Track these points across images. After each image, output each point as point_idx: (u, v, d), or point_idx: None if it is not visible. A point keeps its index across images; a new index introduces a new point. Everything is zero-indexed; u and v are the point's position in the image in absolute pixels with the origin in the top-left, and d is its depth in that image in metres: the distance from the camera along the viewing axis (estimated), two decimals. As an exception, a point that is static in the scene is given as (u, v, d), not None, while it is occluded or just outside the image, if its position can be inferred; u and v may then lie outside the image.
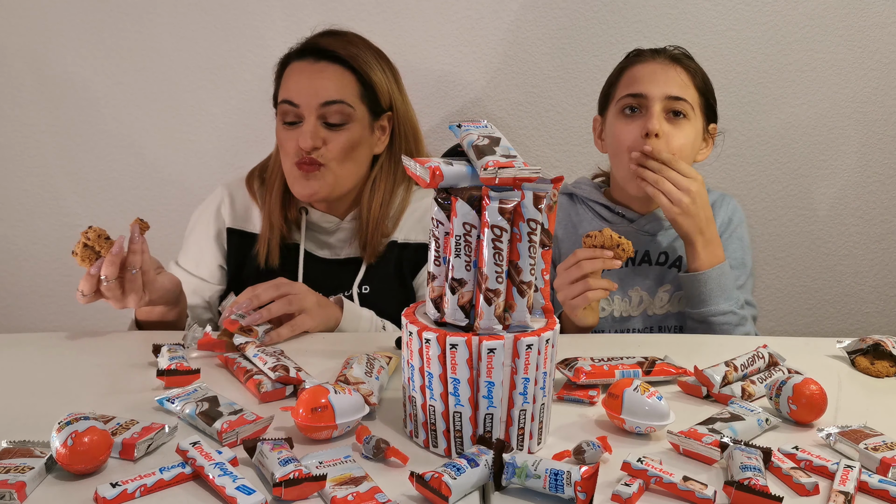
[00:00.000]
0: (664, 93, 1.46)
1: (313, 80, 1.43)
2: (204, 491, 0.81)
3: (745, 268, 1.56)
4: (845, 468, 0.86)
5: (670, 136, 1.46)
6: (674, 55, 1.51)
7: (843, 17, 1.97)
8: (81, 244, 1.24)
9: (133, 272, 1.24)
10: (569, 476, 0.79)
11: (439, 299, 0.91)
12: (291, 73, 1.46)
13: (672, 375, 1.13)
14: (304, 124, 1.43)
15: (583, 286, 1.30)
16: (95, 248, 1.24)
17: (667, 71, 1.48)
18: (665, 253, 1.56)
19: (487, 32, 1.96)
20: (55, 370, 1.14)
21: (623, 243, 1.30)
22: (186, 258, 1.55)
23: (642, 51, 1.55)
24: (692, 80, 1.49)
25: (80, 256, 1.23)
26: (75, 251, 1.24)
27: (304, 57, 1.46)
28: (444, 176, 0.88)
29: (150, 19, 1.92)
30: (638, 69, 1.51)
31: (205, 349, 1.20)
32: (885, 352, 1.22)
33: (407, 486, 0.81)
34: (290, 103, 1.43)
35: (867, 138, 2.04)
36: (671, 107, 1.46)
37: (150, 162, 1.99)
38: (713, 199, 1.59)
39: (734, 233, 1.58)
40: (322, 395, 0.91)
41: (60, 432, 0.81)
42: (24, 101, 1.94)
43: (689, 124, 1.48)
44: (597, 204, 1.60)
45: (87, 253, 1.23)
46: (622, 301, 1.56)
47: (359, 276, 1.50)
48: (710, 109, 1.53)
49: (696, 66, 1.53)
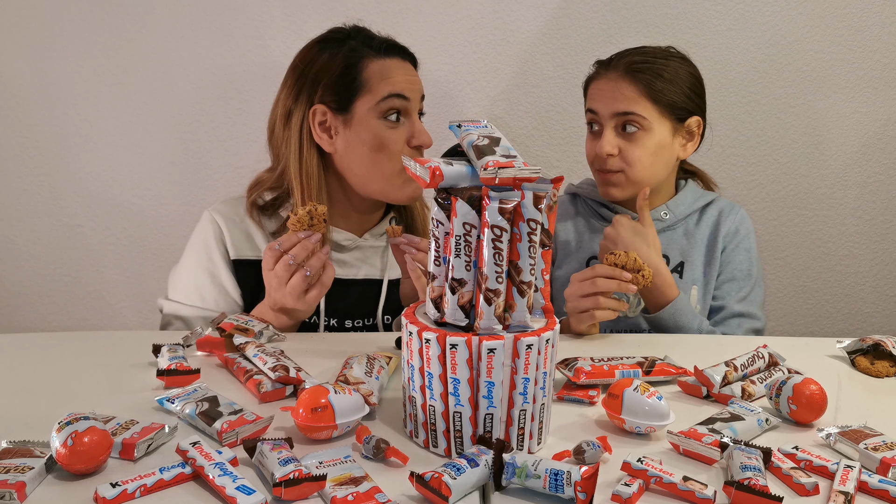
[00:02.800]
0: (612, 110, 1.48)
1: (410, 76, 1.42)
2: (204, 491, 0.81)
3: (749, 279, 1.55)
4: (845, 468, 0.86)
5: (625, 150, 1.48)
6: (629, 65, 1.48)
7: (843, 17, 1.97)
8: (307, 210, 1.24)
9: (307, 273, 1.23)
10: (569, 476, 0.79)
11: (439, 299, 0.91)
12: (391, 69, 1.40)
13: (672, 375, 1.13)
14: (413, 121, 1.41)
15: (592, 303, 1.31)
16: (314, 221, 1.25)
17: (616, 87, 1.48)
18: (666, 257, 1.55)
19: (488, 33, 1.96)
20: (55, 370, 1.14)
21: (644, 270, 1.31)
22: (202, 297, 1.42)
23: (600, 62, 1.55)
24: (645, 91, 1.47)
25: (298, 218, 1.24)
26: (296, 211, 1.25)
27: (392, 55, 1.42)
28: (444, 176, 0.88)
29: (150, 19, 1.92)
30: (594, 85, 1.54)
31: (205, 349, 1.20)
32: (885, 352, 1.22)
33: (407, 486, 0.81)
34: (401, 97, 1.39)
35: (867, 138, 2.04)
36: (622, 122, 1.48)
37: (150, 162, 1.99)
38: (721, 208, 1.60)
39: (740, 244, 1.57)
40: (322, 395, 0.91)
41: (60, 432, 0.81)
42: (24, 101, 1.94)
43: (645, 135, 1.48)
44: (597, 203, 1.61)
45: (304, 220, 1.24)
46: (619, 302, 1.52)
47: (381, 302, 1.46)
48: (684, 109, 1.50)
49: (656, 70, 1.48)
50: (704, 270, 1.56)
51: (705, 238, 1.57)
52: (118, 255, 2.03)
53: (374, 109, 1.38)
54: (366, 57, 1.39)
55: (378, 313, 1.47)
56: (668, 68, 1.50)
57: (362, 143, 1.39)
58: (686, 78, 1.51)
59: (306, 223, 1.24)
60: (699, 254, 1.56)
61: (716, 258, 1.56)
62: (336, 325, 1.43)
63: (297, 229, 1.24)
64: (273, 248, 1.23)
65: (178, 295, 1.43)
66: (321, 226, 1.25)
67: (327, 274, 1.26)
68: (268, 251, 1.24)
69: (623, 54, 1.53)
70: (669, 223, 1.57)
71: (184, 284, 1.44)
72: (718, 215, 1.59)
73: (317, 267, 1.24)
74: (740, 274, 1.55)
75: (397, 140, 1.39)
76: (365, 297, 1.47)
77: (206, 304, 1.41)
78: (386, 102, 1.38)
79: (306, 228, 1.24)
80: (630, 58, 1.50)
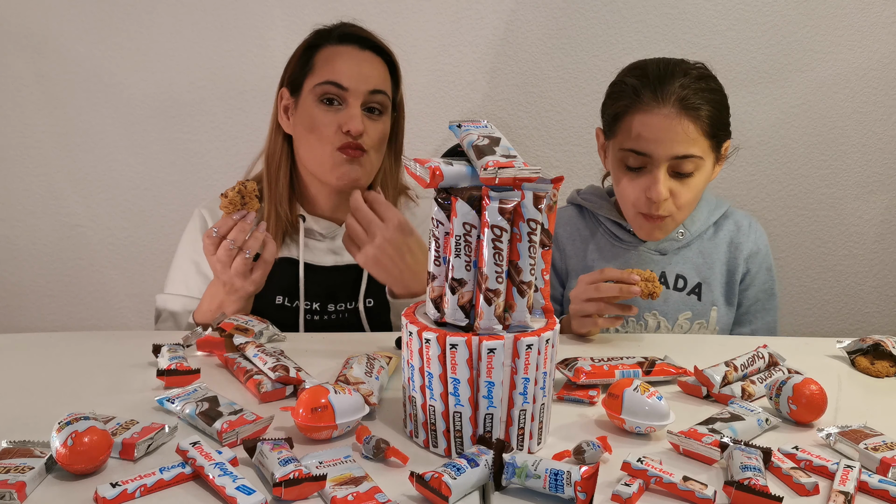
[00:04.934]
0: (670, 154, 1.35)
1: (361, 66, 1.42)
2: (204, 491, 0.81)
3: (773, 298, 1.54)
4: (845, 468, 0.86)
5: (677, 194, 1.38)
6: (683, 100, 1.34)
7: (843, 17, 1.97)
8: (236, 190, 1.23)
9: (247, 255, 1.23)
10: (569, 476, 0.79)
11: (439, 299, 0.91)
12: (337, 56, 1.42)
13: (672, 375, 1.13)
14: (349, 108, 1.40)
15: (595, 308, 1.28)
16: (245, 199, 1.23)
17: (673, 127, 1.34)
18: (683, 277, 1.50)
19: (487, 32, 1.96)
20: (55, 370, 1.14)
21: (656, 286, 1.26)
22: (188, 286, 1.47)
23: (644, 94, 1.36)
24: (701, 129, 1.35)
25: (230, 200, 1.22)
26: (226, 193, 1.23)
27: (347, 42, 1.44)
28: (444, 176, 0.88)
29: (150, 19, 1.92)
30: (641, 122, 1.36)
31: (205, 349, 1.20)
32: (885, 352, 1.22)
33: (407, 486, 0.81)
34: (337, 85, 1.39)
35: (867, 138, 2.04)
36: (678, 167, 1.36)
37: (150, 162, 1.99)
38: (737, 223, 1.53)
39: (762, 263, 1.53)
40: (322, 395, 0.91)
41: (60, 432, 0.81)
42: (24, 101, 1.94)
43: (698, 175, 1.39)
44: (609, 221, 1.53)
45: (236, 200, 1.22)
46: (637, 325, 1.50)
47: (362, 288, 1.47)
48: (722, 136, 1.42)
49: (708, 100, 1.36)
50: (724, 291, 1.52)
51: (723, 257, 1.52)
52: (118, 255, 2.03)
53: (312, 92, 1.42)
54: (322, 44, 1.45)
55: (360, 297, 1.47)
56: (714, 94, 1.38)
57: (302, 123, 1.43)
58: (724, 101, 1.41)
59: (238, 203, 1.22)
60: (718, 274, 1.51)
61: (736, 280, 1.51)
62: (318, 308, 1.44)
63: (231, 211, 1.22)
64: (210, 234, 1.23)
65: (167, 287, 1.49)
66: (254, 202, 1.23)
67: (268, 250, 1.27)
68: (206, 238, 1.24)
69: (664, 79, 1.36)
70: (685, 242, 1.51)
71: (172, 276, 1.50)
72: (735, 232, 1.53)
73: (255, 247, 1.24)
74: (764, 295, 1.53)
75: (328, 123, 1.40)
76: (346, 282, 1.48)
77: (190, 292, 1.45)
78: (321, 87, 1.41)
79: (239, 208, 1.22)
80: (680, 89, 1.35)
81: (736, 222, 1.54)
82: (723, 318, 1.51)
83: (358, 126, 1.38)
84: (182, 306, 1.44)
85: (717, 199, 1.56)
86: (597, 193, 1.58)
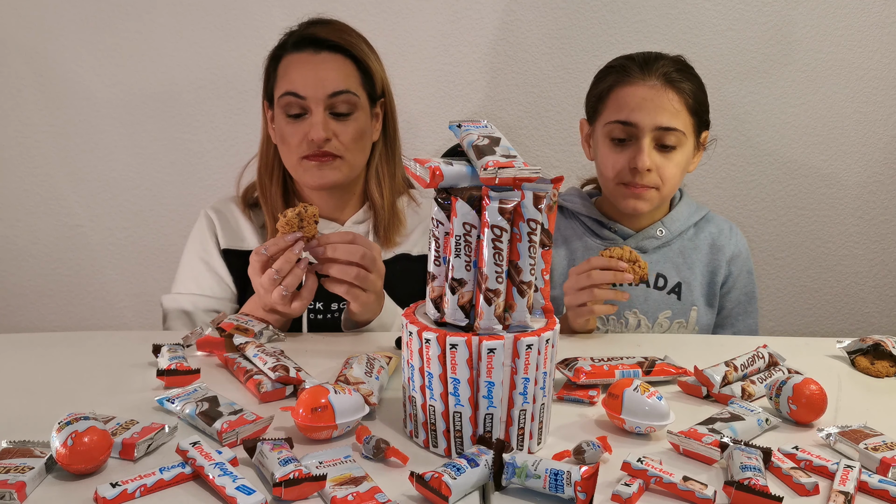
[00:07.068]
0: (655, 123, 1.40)
1: (318, 70, 1.41)
2: (204, 491, 0.81)
3: (753, 300, 1.56)
4: (845, 468, 0.86)
5: (661, 167, 1.42)
6: (667, 75, 1.41)
7: (843, 17, 1.97)
8: (296, 211, 1.21)
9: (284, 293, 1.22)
10: (569, 476, 0.79)
11: (439, 299, 0.91)
12: (292, 65, 1.42)
13: (672, 375, 1.13)
14: (312, 116, 1.40)
15: (588, 295, 1.29)
16: (303, 223, 1.22)
17: (658, 97, 1.40)
18: (663, 276, 1.52)
19: (487, 32, 1.96)
20: (55, 370, 1.14)
21: (640, 262, 1.29)
22: (199, 284, 1.48)
23: (631, 67, 1.43)
24: (685, 102, 1.41)
25: (287, 220, 1.21)
26: (285, 213, 1.22)
27: (301, 48, 1.43)
28: (444, 176, 0.88)
29: (150, 19, 1.92)
30: (628, 93, 1.42)
31: (205, 349, 1.20)
32: (885, 352, 1.22)
33: (407, 486, 0.81)
34: (295, 95, 1.40)
35: (867, 138, 2.04)
36: (662, 138, 1.41)
37: (150, 162, 1.99)
38: (719, 227, 1.56)
39: (743, 266, 1.56)
40: (322, 395, 0.91)
41: (60, 432, 0.81)
42: (24, 101, 1.94)
43: (679, 151, 1.43)
44: (588, 219, 1.55)
45: (294, 222, 1.21)
46: (617, 323, 1.51)
47: None
48: (702, 122, 1.47)
49: (689, 80, 1.43)
50: (705, 292, 1.54)
51: (704, 258, 1.54)
52: (118, 255, 2.03)
53: (278, 103, 1.43)
54: (286, 53, 1.44)
55: None
56: (695, 80, 1.45)
57: (276, 135, 1.46)
58: (703, 88, 1.46)
59: (295, 225, 1.22)
60: (699, 275, 1.53)
61: (717, 282, 1.54)
62: (322, 308, 1.44)
63: (286, 231, 1.21)
64: (259, 252, 1.23)
65: (176, 287, 1.50)
66: (312, 227, 1.23)
67: (308, 288, 1.25)
68: (254, 255, 1.24)
69: (649, 59, 1.44)
70: (665, 240, 1.53)
71: (181, 275, 1.51)
72: (717, 235, 1.55)
73: (293, 285, 1.22)
74: (745, 298, 1.55)
75: (293, 133, 1.41)
76: None
77: (202, 290, 1.47)
78: (283, 99, 1.42)
79: (295, 230, 1.22)
80: (664, 67, 1.42)
81: (717, 226, 1.57)
82: (703, 319, 1.53)
83: (319, 133, 1.39)
84: (194, 305, 1.44)
85: (696, 203, 1.60)
86: (575, 193, 1.61)
